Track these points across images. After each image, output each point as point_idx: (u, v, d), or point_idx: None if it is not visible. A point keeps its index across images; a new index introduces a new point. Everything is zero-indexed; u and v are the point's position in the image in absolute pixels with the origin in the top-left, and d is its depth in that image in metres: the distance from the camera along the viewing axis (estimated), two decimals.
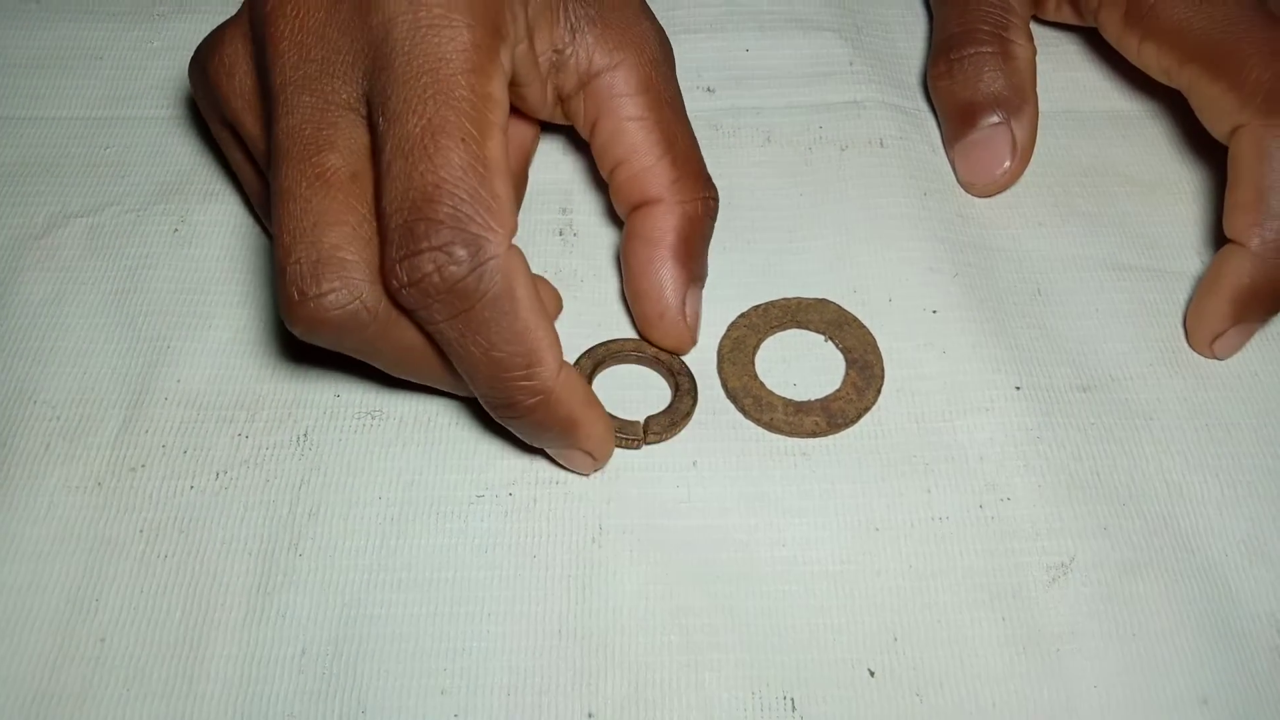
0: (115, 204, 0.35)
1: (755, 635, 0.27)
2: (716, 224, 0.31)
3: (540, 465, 0.30)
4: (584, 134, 0.31)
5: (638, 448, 0.30)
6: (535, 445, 0.28)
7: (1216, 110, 0.31)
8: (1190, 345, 0.32)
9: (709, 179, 0.31)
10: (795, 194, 0.36)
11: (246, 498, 0.29)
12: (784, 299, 0.33)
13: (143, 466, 0.29)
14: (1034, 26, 0.39)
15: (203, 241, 0.34)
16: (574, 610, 0.27)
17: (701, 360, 0.32)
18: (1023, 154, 0.35)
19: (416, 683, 0.26)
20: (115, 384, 0.31)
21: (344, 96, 0.25)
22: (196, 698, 0.26)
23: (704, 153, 0.31)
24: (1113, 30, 0.35)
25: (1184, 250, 0.34)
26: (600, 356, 0.31)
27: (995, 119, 0.35)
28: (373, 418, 0.30)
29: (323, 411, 0.31)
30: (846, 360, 0.32)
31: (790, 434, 0.30)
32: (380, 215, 0.24)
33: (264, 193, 0.31)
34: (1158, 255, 0.34)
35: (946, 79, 0.36)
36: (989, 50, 0.35)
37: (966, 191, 0.36)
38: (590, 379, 0.31)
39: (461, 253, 0.23)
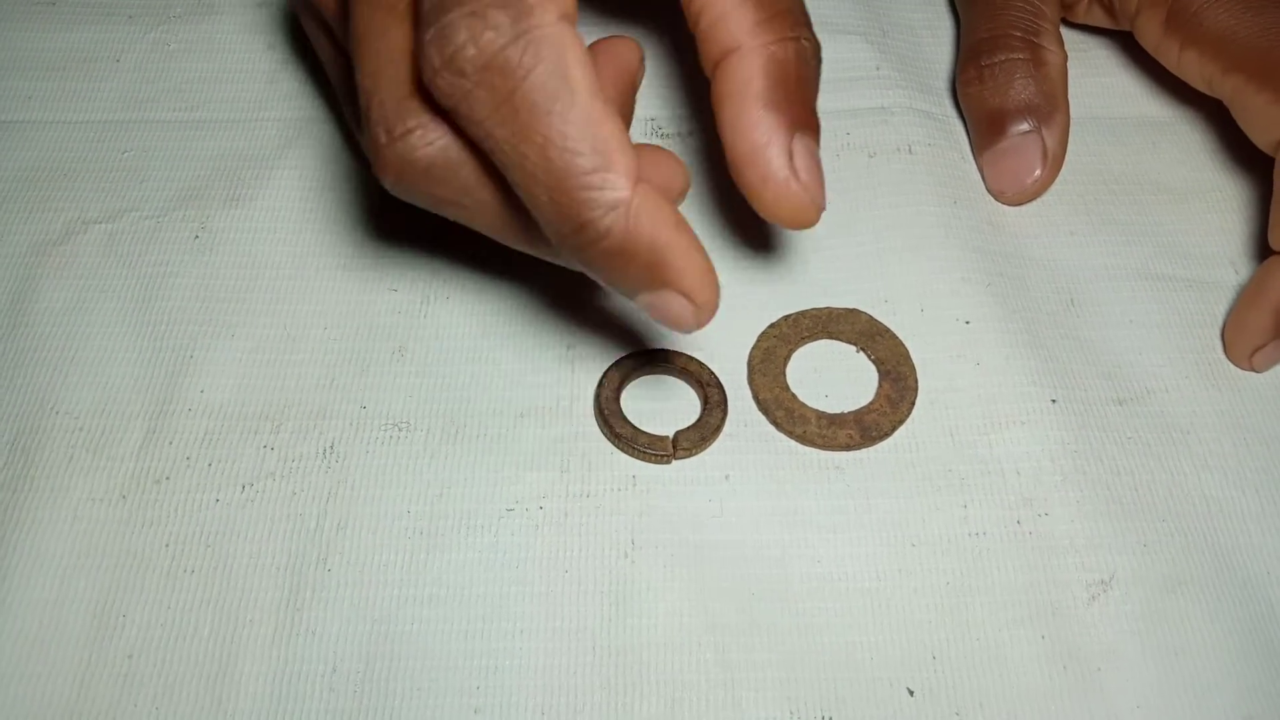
0: (134, 210, 0.34)
1: (792, 653, 0.27)
2: (741, 228, 0.30)
3: (571, 478, 0.29)
4: None
5: (667, 463, 0.29)
6: (622, 294, 0.24)
7: (1262, 120, 0.31)
8: (1228, 357, 0.32)
9: (805, 20, 0.26)
10: None
11: (273, 511, 0.29)
12: (814, 309, 0.32)
13: (167, 479, 0.29)
14: (1064, 33, 0.39)
15: (224, 248, 0.34)
16: (607, 627, 0.27)
17: (732, 371, 0.31)
18: (1053, 162, 0.34)
19: (449, 701, 0.26)
20: (138, 394, 0.30)
21: None
22: (226, 716, 0.26)
23: None
24: (1151, 36, 0.34)
25: (1219, 261, 0.34)
26: (628, 368, 0.31)
27: (1026, 127, 0.34)
28: (399, 429, 0.30)
29: (349, 423, 0.30)
30: (879, 372, 0.31)
31: (824, 447, 0.30)
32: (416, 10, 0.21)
33: (346, 75, 0.27)
34: (1192, 265, 0.34)
35: (976, 85, 0.35)
36: (1020, 56, 0.34)
37: (996, 200, 0.35)
38: (618, 393, 0.30)
39: (499, 16, 0.20)
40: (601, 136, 0.21)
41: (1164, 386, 0.31)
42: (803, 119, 0.26)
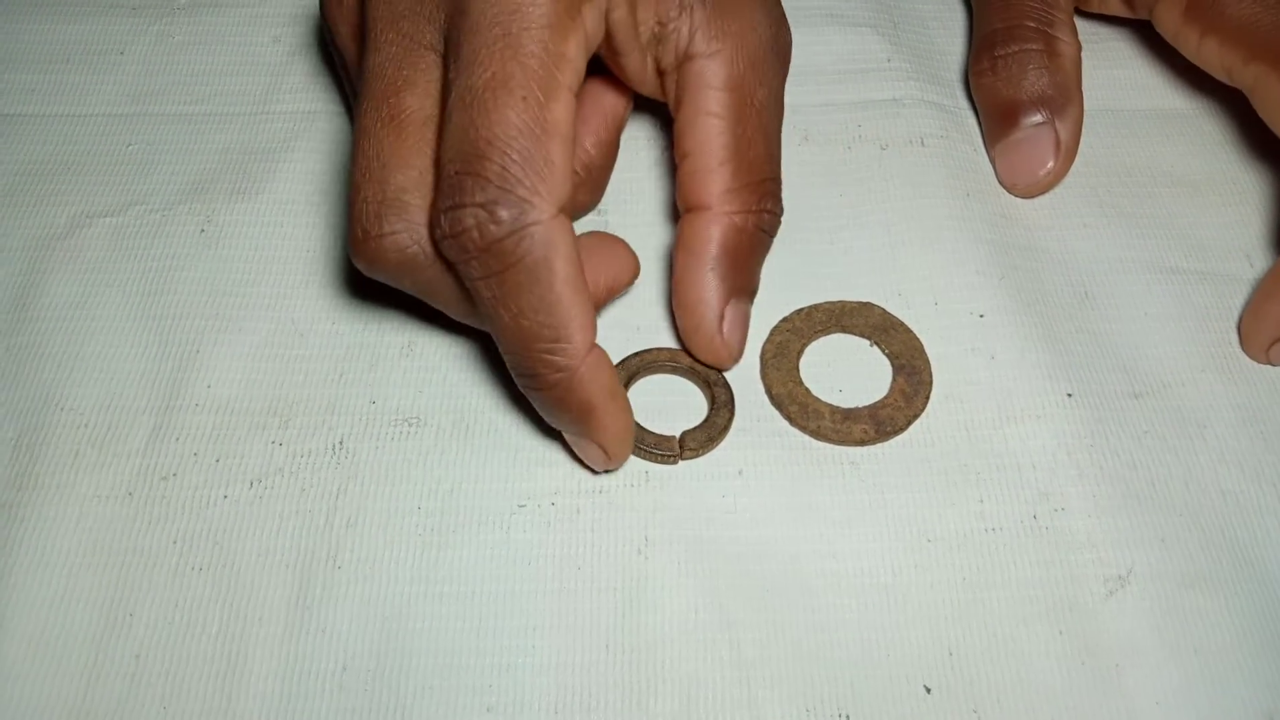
0: (140, 203, 0.34)
1: (807, 650, 0.27)
2: None
3: (583, 474, 0.29)
4: (671, 112, 0.30)
5: (674, 463, 0.29)
6: (554, 425, 0.28)
7: None
8: (1244, 350, 0.31)
9: (774, 194, 0.29)
10: (835, 194, 0.35)
11: (282, 507, 0.28)
12: (827, 302, 0.32)
13: (174, 475, 0.29)
14: (1076, 21, 0.39)
15: (231, 241, 0.33)
16: (621, 624, 0.27)
17: (744, 366, 0.31)
18: (1066, 154, 0.34)
19: (461, 700, 0.26)
20: (144, 390, 0.30)
21: (428, 38, 0.25)
22: (235, 716, 0.25)
23: None
24: (1170, 24, 0.34)
25: (1233, 253, 0.34)
26: (635, 367, 0.30)
27: (1039, 118, 0.34)
28: (410, 425, 0.30)
29: (358, 418, 0.30)
30: (893, 366, 0.31)
31: (838, 442, 0.30)
32: (436, 164, 0.24)
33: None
34: (1206, 258, 0.34)
35: (989, 76, 0.35)
36: (1034, 47, 0.34)
37: (1008, 192, 0.35)
38: (625, 389, 0.30)
39: (504, 214, 0.23)
40: (567, 316, 0.24)
41: (1180, 380, 0.31)
42: (741, 285, 0.29)
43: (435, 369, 0.31)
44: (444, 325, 0.32)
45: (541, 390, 0.25)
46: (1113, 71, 0.38)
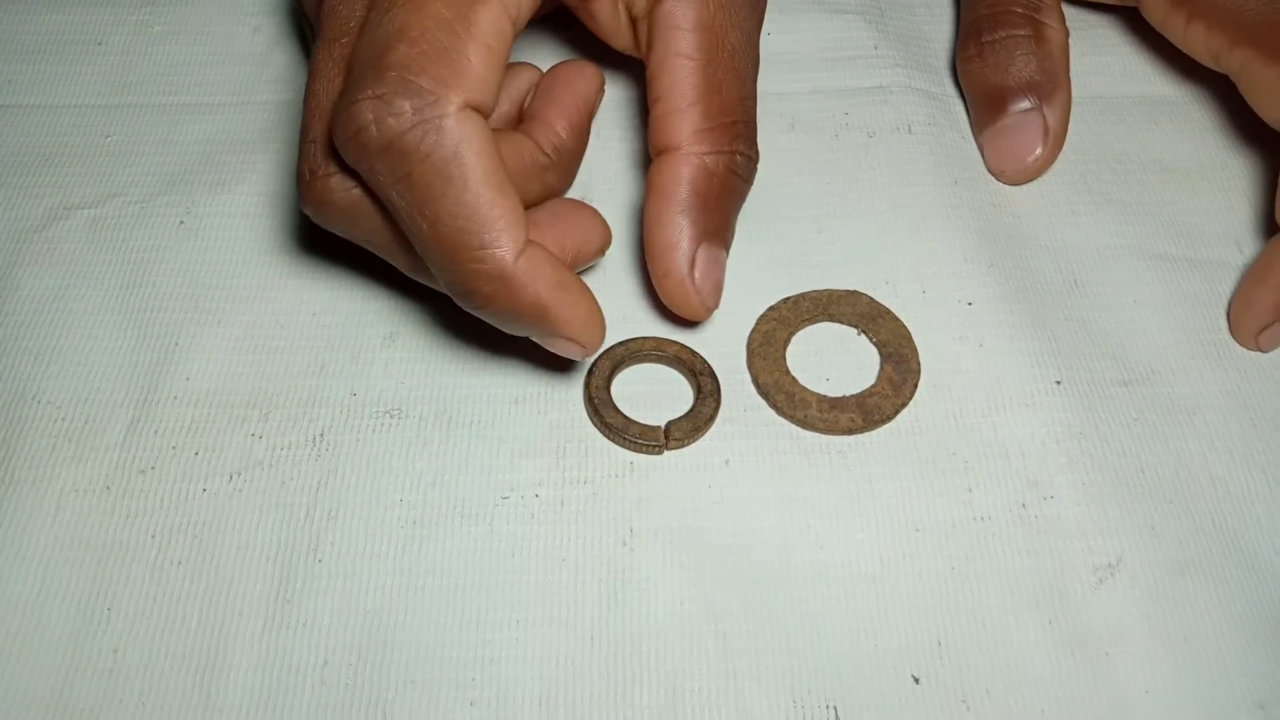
0: (119, 195, 0.34)
1: (795, 641, 0.26)
2: (742, 213, 0.30)
3: (567, 465, 0.29)
4: (643, 58, 0.29)
5: (659, 454, 0.29)
6: (515, 334, 0.27)
7: (1271, 95, 0.30)
8: (1234, 337, 0.31)
9: (747, 136, 0.28)
10: (822, 182, 0.34)
11: (262, 500, 0.28)
12: (814, 291, 0.32)
13: (152, 468, 0.28)
14: (1064, 9, 0.38)
15: (210, 233, 0.33)
16: (606, 616, 0.26)
17: (731, 355, 0.31)
18: (1054, 141, 0.34)
19: (444, 694, 0.25)
20: (122, 383, 0.30)
21: None
22: (215, 711, 0.25)
23: None
24: (1157, 10, 0.33)
25: (1222, 239, 0.33)
26: (619, 357, 0.30)
27: (1027, 104, 0.33)
28: (391, 416, 0.29)
29: (339, 410, 0.29)
30: (881, 354, 0.31)
31: (825, 431, 0.29)
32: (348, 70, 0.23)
33: None
34: (1196, 245, 0.33)
35: (977, 62, 0.34)
36: (1022, 33, 0.34)
37: (996, 179, 0.35)
38: (609, 381, 0.30)
39: (403, 104, 0.21)
40: (489, 217, 0.23)
41: (1169, 367, 0.31)
42: (714, 229, 0.28)
43: (417, 360, 0.30)
44: (426, 315, 0.31)
45: (483, 306, 0.24)
46: (1101, 58, 0.38)
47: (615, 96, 0.36)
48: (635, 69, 0.36)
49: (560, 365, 0.30)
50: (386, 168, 0.22)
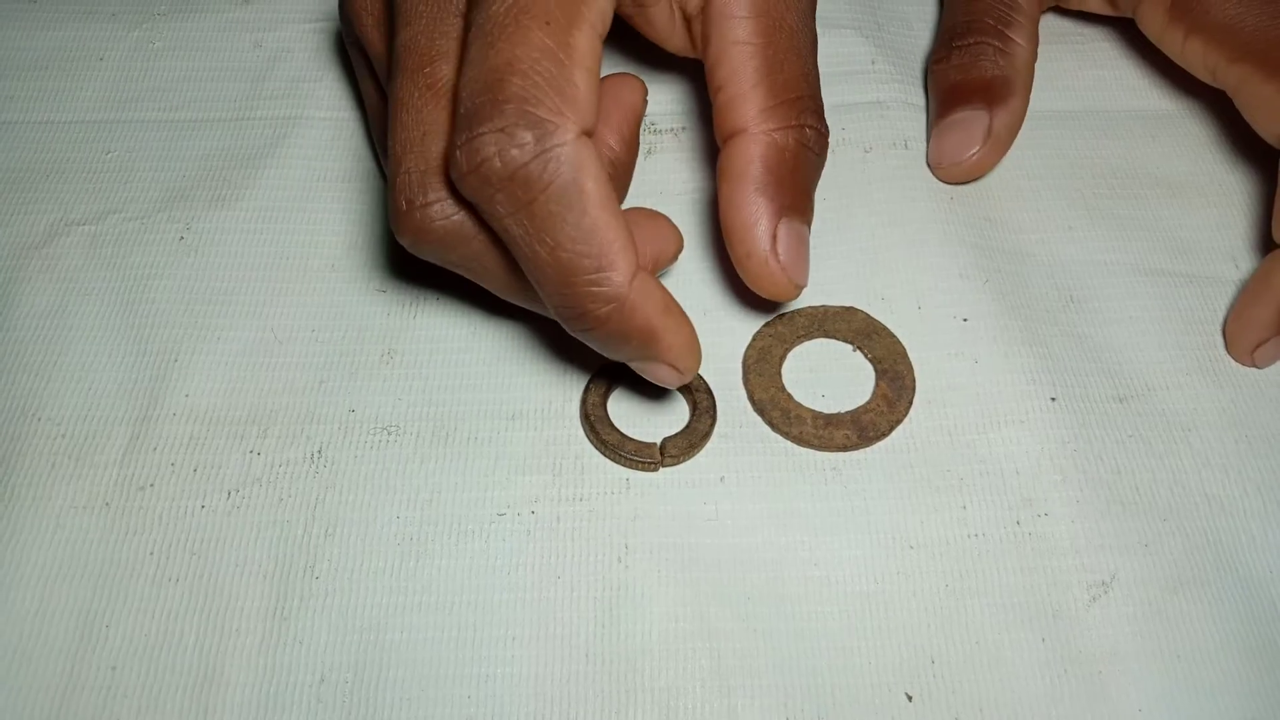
0: (118, 211, 0.34)
1: (788, 659, 0.26)
2: None
3: (563, 482, 0.29)
4: (699, 54, 0.29)
5: (654, 470, 0.29)
6: (616, 359, 0.26)
7: (1269, 111, 0.30)
8: (1229, 353, 0.31)
9: (815, 109, 0.28)
10: (818, 197, 0.34)
11: (260, 517, 0.28)
12: (810, 307, 0.32)
13: (151, 485, 0.28)
14: (1059, 20, 0.39)
15: (210, 249, 0.33)
16: (601, 634, 0.27)
17: (726, 371, 0.31)
18: (995, 144, 0.34)
19: (440, 711, 0.26)
20: (121, 399, 0.30)
21: (455, 3, 0.25)
22: None
23: None
24: (1154, 24, 0.34)
25: (1218, 255, 0.34)
26: (615, 373, 0.30)
27: (976, 104, 0.34)
28: (388, 434, 0.29)
29: (337, 427, 0.30)
30: (876, 371, 0.31)
31: (820, 448, 0.29)
32: (454, 103, 0.23)
33: (384, 118, 0.30)
34: (1191, 260, 0.33)
35: (943, 64, 0.35)
36: (990, 42, 0.34)
37: (933, 174, 0.35)
38: (605, 398, 0.30)
39: (525, 135, 0.22)
40: (606, 241, 0.23)
41: (1164, 384, 0.31)
42: (793, 204, 0.28)
43: (415, 377, 0.31)
44: (424, 332, 0.31)
45: (595, 328, 0.24)
46: (1099, 72, 0.38)
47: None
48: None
49: (557, 381, 0.30)
50: (508, 198, 0.23)
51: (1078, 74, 0.38)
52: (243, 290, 0.32)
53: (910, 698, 0.26)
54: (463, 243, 0.25)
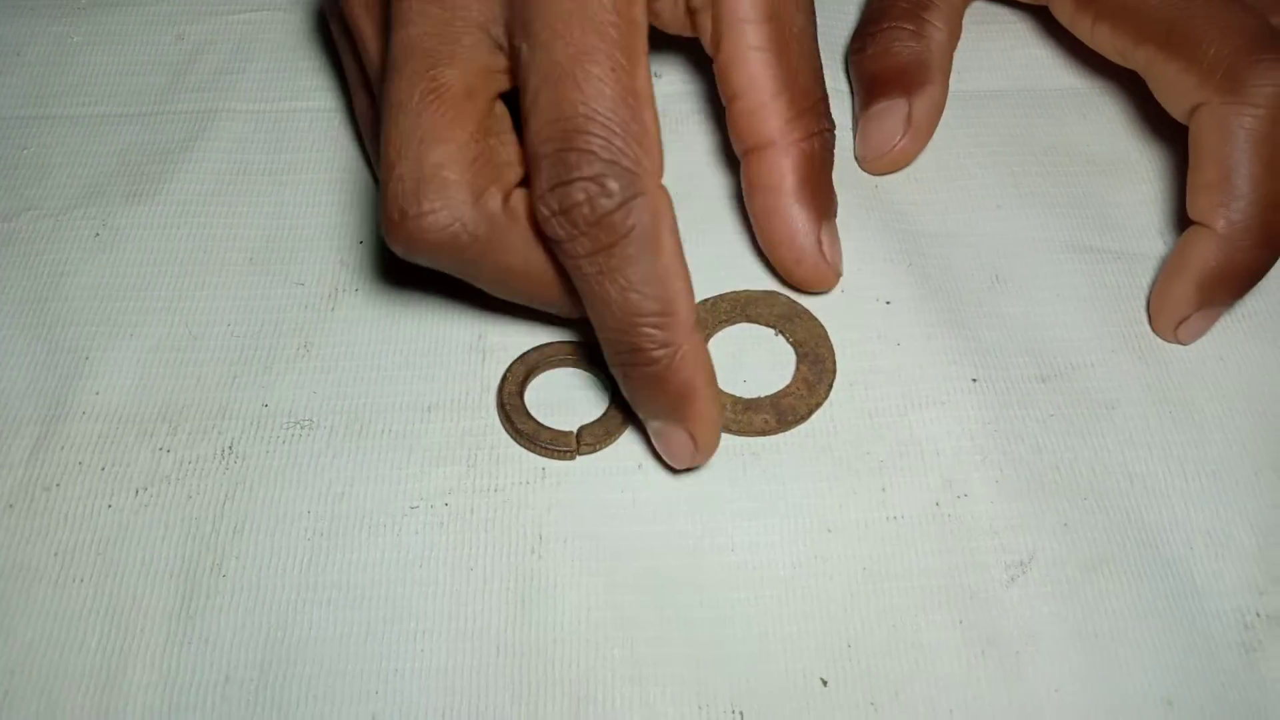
0: (33, 208, 0.33)
1: (703, 646, 0.26)
2: None
3: (478, 473, 0.28)
4: (709, 51, 0.30)
5: (571, 459, 0.29)
6: (641, 413, 0.27)
7: (1175, 90, 0.30)
8: (1154, 330, 0.31)
9: (826, 110, 0.30)
10: (740, 183, 0.34)
11: (167, 516, 0.28)
12: (732, 292, 0.32)
13: (57, 486, 0.28)
14: (988, 6, 0.38)
15: (126, 245, 0.32)
16: (513, 625, 0.26)
17: None
18: (916, 132, 0.33)
19: (346, 708, 0.25)
20: (29, 399, 0.29)
21: (475, 13, 0.25)
22: None
23: None
24: (1065, 11, 0.34)
25: (1146, 231, 0.33)
26: (534, 362, 0.30)
27: (895, 93, 0.33)
28: (302, 428, 0.29)
29: (250, 422, 0.29)
30: (797, 354, 0.30)
31: (739, 433, 0.29)
32: (527, 144, 0.24)
33: (372, 115, 0.30)
34: (1119, 237, 0.33)
35: (861, 53, 0.35)
36: (905, 26, 0.34)
37: (861, 168, 0.34)
38: (523, 387, 0.29)
39: (614, 185, 0.23)
40: (675, 289, 0.24)
41: (1089, 361, 0.31)
42: (826, 205, 0.30)
43: (331, 370, 0.30)
44: (341, 325, 0.31)
45: (643, 367, 0.25)
46: (1027, 51, 0.38)
47: None
48: None
49: (475, 373, 0.30)
50: (591, 241, 0.24)
51: (1010, 53, 0.37)
52: (158, 286, 0.32)
53: (825, 682, 0.26)
54: (455, 251, 0.25)
